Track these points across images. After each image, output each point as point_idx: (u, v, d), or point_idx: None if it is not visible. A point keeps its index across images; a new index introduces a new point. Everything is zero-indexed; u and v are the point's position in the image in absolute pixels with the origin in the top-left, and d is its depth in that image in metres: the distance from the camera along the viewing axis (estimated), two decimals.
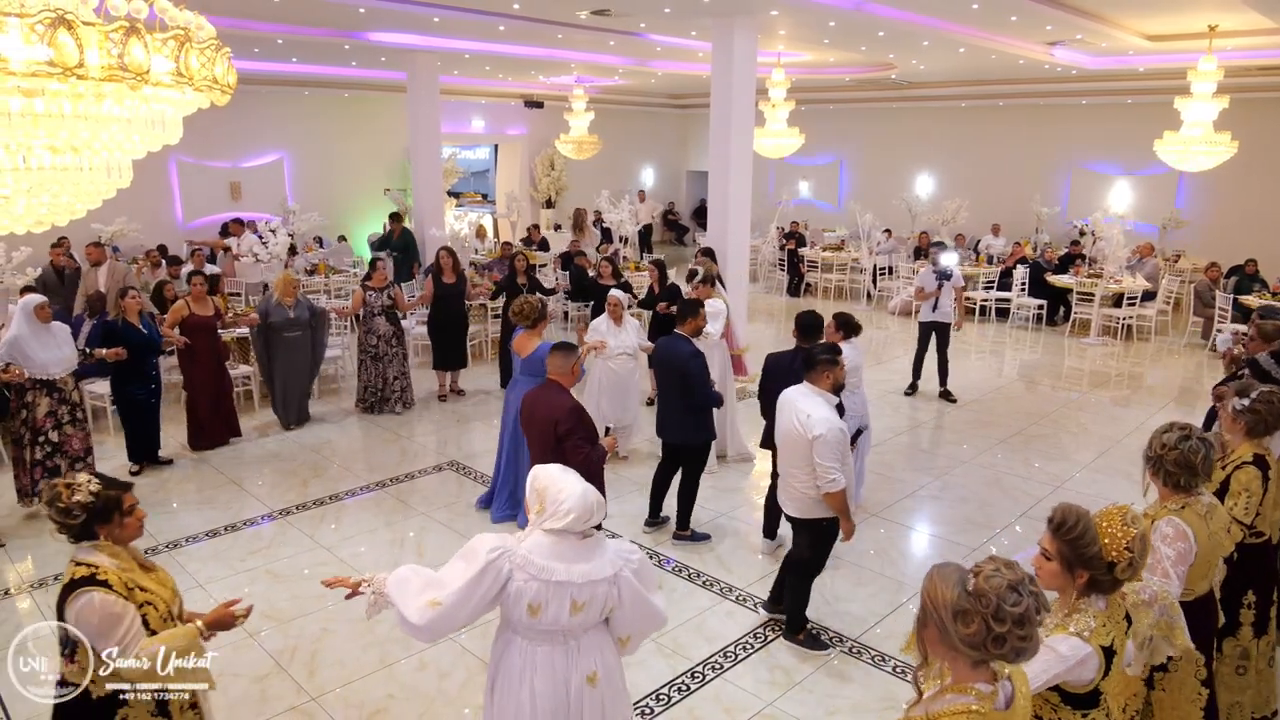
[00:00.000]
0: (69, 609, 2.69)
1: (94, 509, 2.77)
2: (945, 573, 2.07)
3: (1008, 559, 2.08)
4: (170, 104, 2.68)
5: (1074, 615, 2.50)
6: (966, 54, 12.21)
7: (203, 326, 7.70)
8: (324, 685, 4.46)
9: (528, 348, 6.07)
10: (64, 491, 2.76)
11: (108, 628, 2.68)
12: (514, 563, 2.73)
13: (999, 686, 2.06)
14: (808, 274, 16.37)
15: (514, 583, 2.72)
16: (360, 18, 10.00)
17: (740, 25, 8.79)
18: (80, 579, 2.71)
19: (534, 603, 2.72)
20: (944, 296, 9.34)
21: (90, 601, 2.67)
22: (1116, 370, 11.17)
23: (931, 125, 18.63)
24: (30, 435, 6.36)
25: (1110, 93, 15.40)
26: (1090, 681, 2.48)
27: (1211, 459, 3.16)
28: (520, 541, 2.79)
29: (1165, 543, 3.07)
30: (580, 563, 2.75)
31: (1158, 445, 3.19)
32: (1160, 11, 10.06)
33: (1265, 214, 14.67)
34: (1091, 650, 2.45)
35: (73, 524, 2.77)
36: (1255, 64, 12.00)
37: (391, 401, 8.86)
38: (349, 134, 17.17)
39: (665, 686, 4.47)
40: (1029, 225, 16.84)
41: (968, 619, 1.99)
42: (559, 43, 11.99)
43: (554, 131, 17.95)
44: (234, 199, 15.74)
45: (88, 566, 2.74)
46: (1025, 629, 1.98)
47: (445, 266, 9.17)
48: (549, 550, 2.74)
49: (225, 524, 6.32)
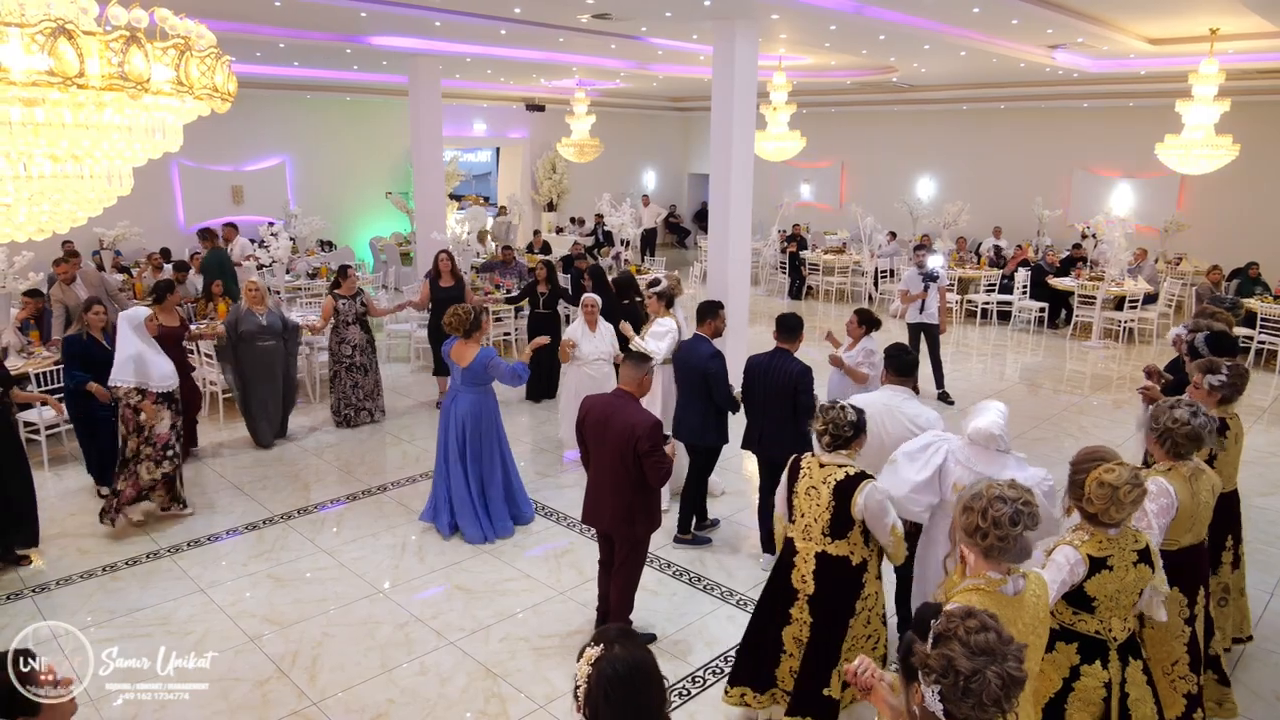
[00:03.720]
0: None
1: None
2: (972, 484, 2.73)
3: (1023, 486, 2.69)
4: (171, 112, 2.70)
5: (1077, 533, 3.10)
6: (968, 57, 12.21)
7: (169, 338, 7.13)
8: (325, 689, 4.46)
9: (466, 356, 5.98)
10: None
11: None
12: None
13: (1010, 579, 2.61)
14: (809, 277, 16.38)
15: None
16: (362, 22, 10.02)
17: (741, 29, 8.79)
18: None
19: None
20: (930, 298, 9.36)
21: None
22: (1118, 373, 11.16)
23: (933, 128, 18.63)
24: (153, 450, 6.14)
25: (1112, 96, 15.39)
26: (1077, 581, 3.03)
27: (1196, 434, 3.58)
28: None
29: (1149, 499, 3.47)
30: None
31: (1167, 420, 3.58)
32: (1161, 15, 10.06)
33: (1267, 217, 14.65)
34: (1080, 557, 3.02)
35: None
36: (1256, 67, 11.99)
37: (365, 413, 8.60)
38: (351, 137, 17.20)
39: (666, 692, 4.46)
40: (1031, 228, 16.83)
41: (968, 512, 2.62)
42: (560, 46, 12.01)
43: (555, 134, 17.97)
44: (236, 202, 15.78)
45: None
46: (1001, 530, 2.56)
47: (443, 270, 9.06)
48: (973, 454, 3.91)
49: (227, 528, 6.34)
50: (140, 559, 5.87)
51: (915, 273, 9.45)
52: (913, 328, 9.55)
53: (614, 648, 1.98)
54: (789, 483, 3.93)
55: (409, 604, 5.32)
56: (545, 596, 5.42)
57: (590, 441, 4.65)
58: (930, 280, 9.31)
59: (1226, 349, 5.07)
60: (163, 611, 5.20)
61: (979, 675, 1.87)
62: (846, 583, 3.79)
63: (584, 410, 4.68)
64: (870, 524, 3.73)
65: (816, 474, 3.81)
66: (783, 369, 5.46)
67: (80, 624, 5.00)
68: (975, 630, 1.92)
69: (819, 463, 3.84)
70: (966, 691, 1.88)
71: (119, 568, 5.74)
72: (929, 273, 9.35)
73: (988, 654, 1.89)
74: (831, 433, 3.81)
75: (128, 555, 5.90)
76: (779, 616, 3.94)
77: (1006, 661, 1.90)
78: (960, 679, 1.89)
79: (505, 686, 4.51)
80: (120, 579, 5.60)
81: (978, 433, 3.93)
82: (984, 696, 1.87)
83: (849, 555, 3.77)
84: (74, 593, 5.43)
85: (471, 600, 5.37)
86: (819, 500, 3.77)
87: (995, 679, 1.87)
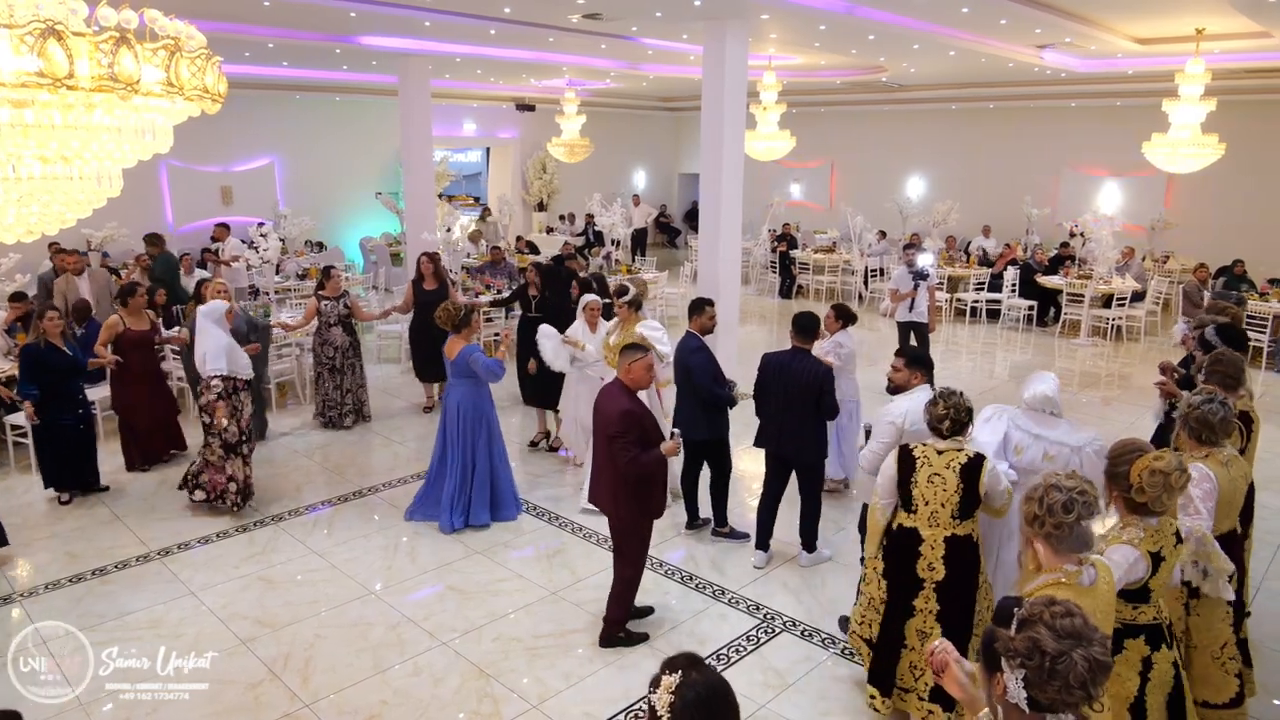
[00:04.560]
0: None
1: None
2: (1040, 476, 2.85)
3: (1081, 476, 2.81)
4: (161, 113, 2.69)
5: (1126, 529, 3.15)
6: (957, 57, 12.26)
7: (139, 342, 7.12)
8: (317, 691, 4.45)
9: (454, 351, 6.28)
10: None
11: None
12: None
13: (1083, 570, 2.72)
14: (799, 276, 16.41)
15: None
16: (351, 22, 9.99)
17: (731, 29, 8.80)
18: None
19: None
20: (920, 297, 9.40)
21: None
22: (1106, 371, 11.22)
23: (922, 128, 18.69)
24: (239, 435, 6.43)
25: (1099, 95, 15.48)
26: (1141, 579, 3.11)
27: (1229, 420, 3.73)
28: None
29: (1193, 484, 3.56)
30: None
31: (1185, 405, 3.83)
32: (1148, 15, 10.12)
33: (1252, 215, 14.76)
34: (1140, 554, 3.09)
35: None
36: (1242, 67, 12.07)
37: (349, 416, 8.50)
38: (340, 137, 17.13)
39: None
40: (1019, 227, 16.91)
41: (1029, 503, 2.77)
42: (550, 46, 11.99)
43: (546, 134, 17.95)
44: (225, 203, 15.70)
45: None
46: (1055, 517, 2.69)
47: (426, 273, 8.83)
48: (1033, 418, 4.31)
49: (217, 531, 6.31)
50: (130, 562, 5.84)
51: (905, 271, 9.50)
52: (903, 326, 9.60)
53: (691, 674, 2.07)
54: (903, 474, 3.94)
55: (401, 605, 5.31)
56: (538, 596, 5.42)
57: (594, 428, 4.96)
58: (920, 279, 9.36)
59: (1236, 341, 5.24)
60: (154, 615, 5.18)
61: (1065, 657, 1.87)
62: (972, 562, 3.94)
63: (596, 399, 4.97)
64: (991, 497, 3.90)
65: (937, 461, 3.88)
66: (806, 369, 5.50)
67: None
68: (1061, 615, 1.93)
69: (936, 450, 3.91)
70: (1053, 674, 1.87)
71: (108, 571, 5.71)
72: (919, 271, 9.40)
73: (1074, 637, 1.89)
74: (952, 418, 3.89)
75: (117, 559, 5.87)
76: (901, 611, 4.00)
77: (1093, 646, 1.89)
78: (1046, 659, 1.88)
79: (498, 687, 4.51)
80: (110, 583, 5.57)
81: (1035, 398, 4.33)
82: (1070, 678, 1.86)
83: (971, 534, 3.93)
84: (64, 596, 5.39)
85: (464, 601, 5.37)
86: (946, 485, 3.84)
87: (1082, 661, 1.86)
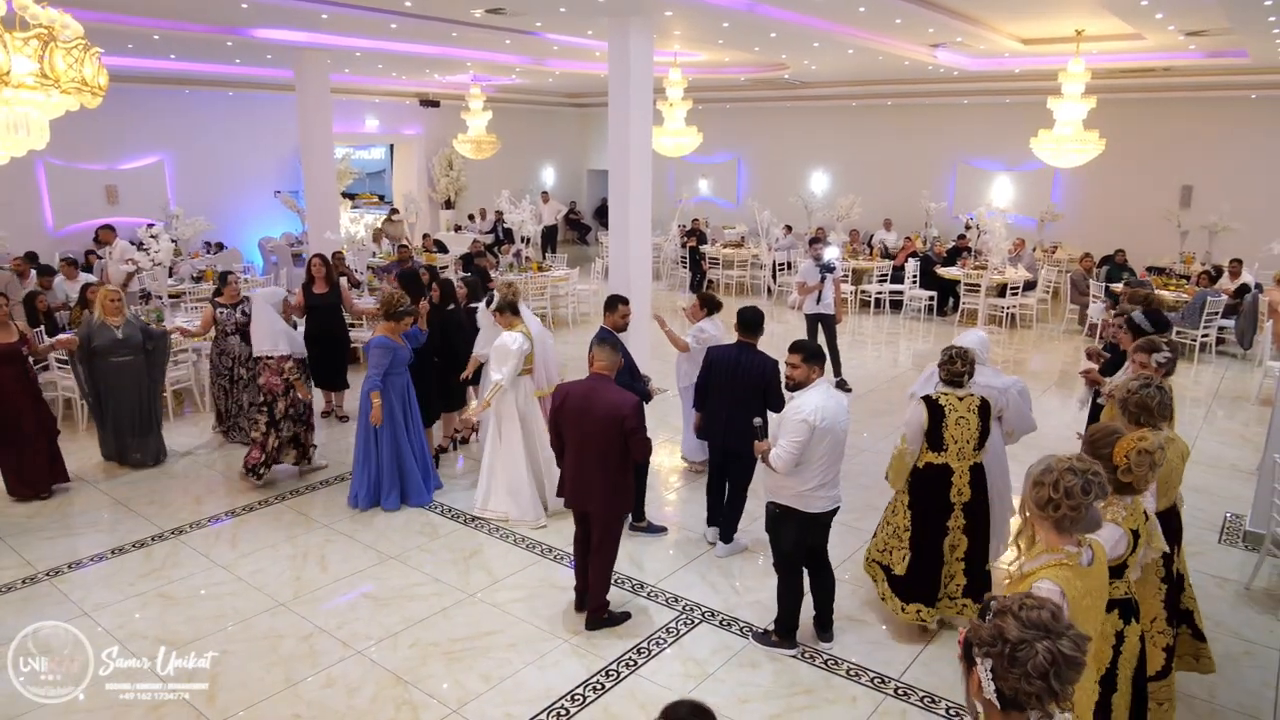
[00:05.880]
0: None
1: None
2: (1040, 460, 2.82)
3: (1090, 459, 2.82)
4: (35, 107, 2.53)
5: (1109, 508, 3.21)
6: (855, 55, 12.60)
7: (4, 356, 6.46)
8: (226, 709, 4.28)
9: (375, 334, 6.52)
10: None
11: None
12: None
13: (1082, 550, 2.75)
14: (709, 270, 16.60)
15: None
16: (243, 13, 9.61)
17: (635, 25, 8.83)
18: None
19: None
20: (827, 290, 9.63)
21: None
22: (1003, 357, 11.72)
23: (824, 124, 19.15)
24: (297, 411, 6.95)
25: (990, 93, 16.16)
26: (1122, 556, 3.25)
27: (1167, 403, 3.87)
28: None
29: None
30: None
31: (1123, 392, 3.94)
32: (1031, 16, 10.62)
33: (1131, 207, 15.65)
34: (1124, 532, 3.24)
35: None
36: (1119, 66, 12.80)
37: (252, 423, 7.80)
38: (235, 134, 16.49)
39: (580, 686, 4.47)
40: (919, 220, 17.51)
41: (1039, 487, 2.73)
42: (453, 41, 11.80)
43: (451, 131, 17.67)
44: (110, 203, 14.90)
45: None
46: (1074, 500, 2.66)
47: (317, 275, 8.39)
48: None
49: (111, 547, 5.99)
50: (15, 584, 5.49)
51: (812, 265, 9.70)
52: (810, 318, 9.81)
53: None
54: (934, 422, 4.65)
55: (313, 615, 5.15)
56: (455, 600, 5.34)
57: (568, 426, 4.79)
58: (827, 272, 9.58)
59: (1161, 322, 5.82)
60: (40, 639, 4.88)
61: (1026, 645, 1.85)
62: (985, 483, 4.80)
63: (559, 398, 4.86)
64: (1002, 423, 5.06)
65: (960, 406, 4.69)
66: (755, 364, 5.63)
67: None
68: (1032, 607, 1.91)
69: (957, 397, 4.70)
70: (1013, 660, 1.86)
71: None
72: (825, 265, 9.61)
73: (1039, 628, 1.87)
74: (970, 372, 4.75)
75: (1, 581, 5.52)
76: (936, 533, 4.75)
77: (1061, 640, 1.86)
78: (1008, 647, 1.86)
79: (416, 693, 4.42)
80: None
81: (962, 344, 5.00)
82: (1029, 666, 1.84)
83: (982, 461, 4.77)
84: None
85: (378, 607, 5.25)
86: (970, 425, 4.66)
87: (1044, 652, 1.84)
